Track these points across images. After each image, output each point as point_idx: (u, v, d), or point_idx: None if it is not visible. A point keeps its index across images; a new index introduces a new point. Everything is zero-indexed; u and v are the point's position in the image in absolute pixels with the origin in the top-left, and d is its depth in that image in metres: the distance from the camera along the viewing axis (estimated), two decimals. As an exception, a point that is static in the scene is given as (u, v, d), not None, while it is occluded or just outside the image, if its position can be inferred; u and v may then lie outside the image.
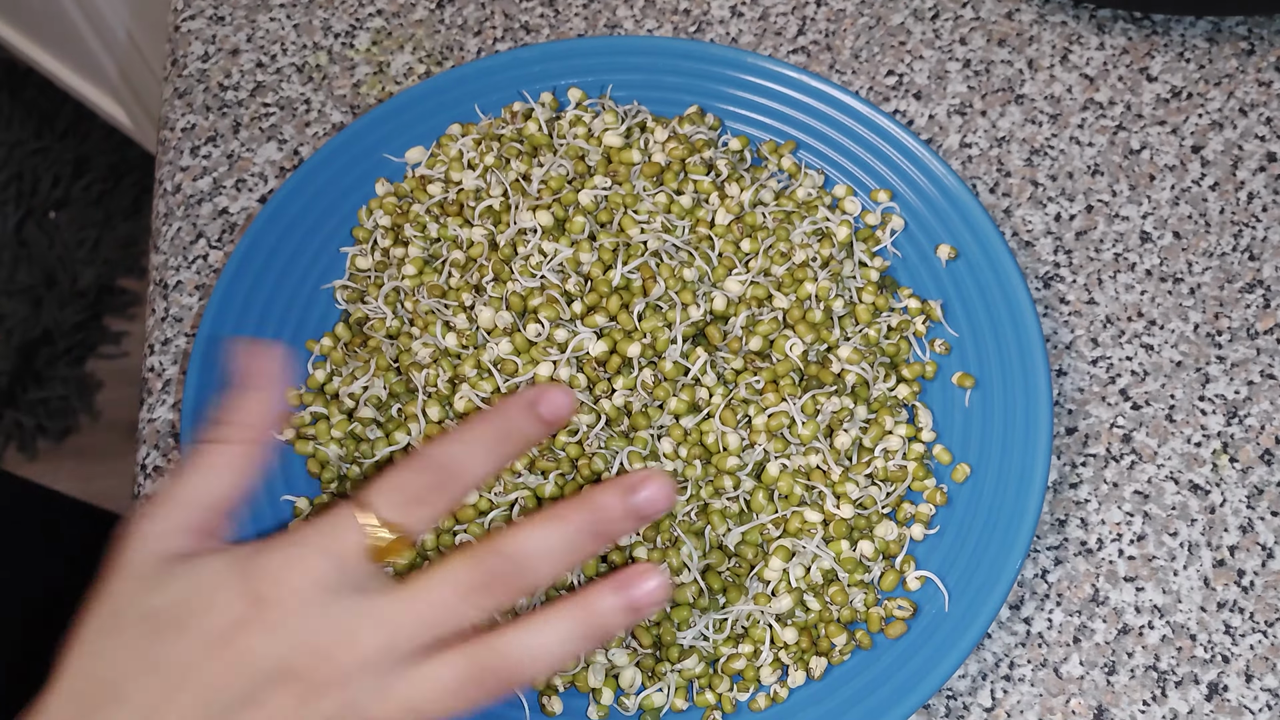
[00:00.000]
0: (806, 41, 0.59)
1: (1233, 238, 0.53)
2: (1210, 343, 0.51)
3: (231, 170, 0.57)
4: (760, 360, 0.47)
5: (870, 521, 0.45)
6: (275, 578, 0.33)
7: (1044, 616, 0.47)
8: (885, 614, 0.44)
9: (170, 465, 0.51)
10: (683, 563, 0.43)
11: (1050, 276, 0.53)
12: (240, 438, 0.36)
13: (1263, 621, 0.46)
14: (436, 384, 0.46)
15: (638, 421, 0.45)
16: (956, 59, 0.58)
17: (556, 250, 0.48)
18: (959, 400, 0.48)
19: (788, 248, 0.49)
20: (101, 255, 1.55)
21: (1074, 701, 0.45)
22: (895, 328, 0.49)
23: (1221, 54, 0.58)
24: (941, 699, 0.45)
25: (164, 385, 0.53)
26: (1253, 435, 0.49)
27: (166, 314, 0.54)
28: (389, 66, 0.60)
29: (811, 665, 0.43)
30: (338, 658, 0.32)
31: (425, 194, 0.52)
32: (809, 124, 0.53)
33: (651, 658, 0.43)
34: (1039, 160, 0.55)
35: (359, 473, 0.46)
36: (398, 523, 0.33)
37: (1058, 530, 0.48)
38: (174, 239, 0.56)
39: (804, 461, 0.45)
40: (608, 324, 0.47)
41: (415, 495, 0.33)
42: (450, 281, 0.49)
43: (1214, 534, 0.48)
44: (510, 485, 0.44)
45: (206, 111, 0.59)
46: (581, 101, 0.54)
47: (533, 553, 0.33)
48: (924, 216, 0.51)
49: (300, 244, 0.51)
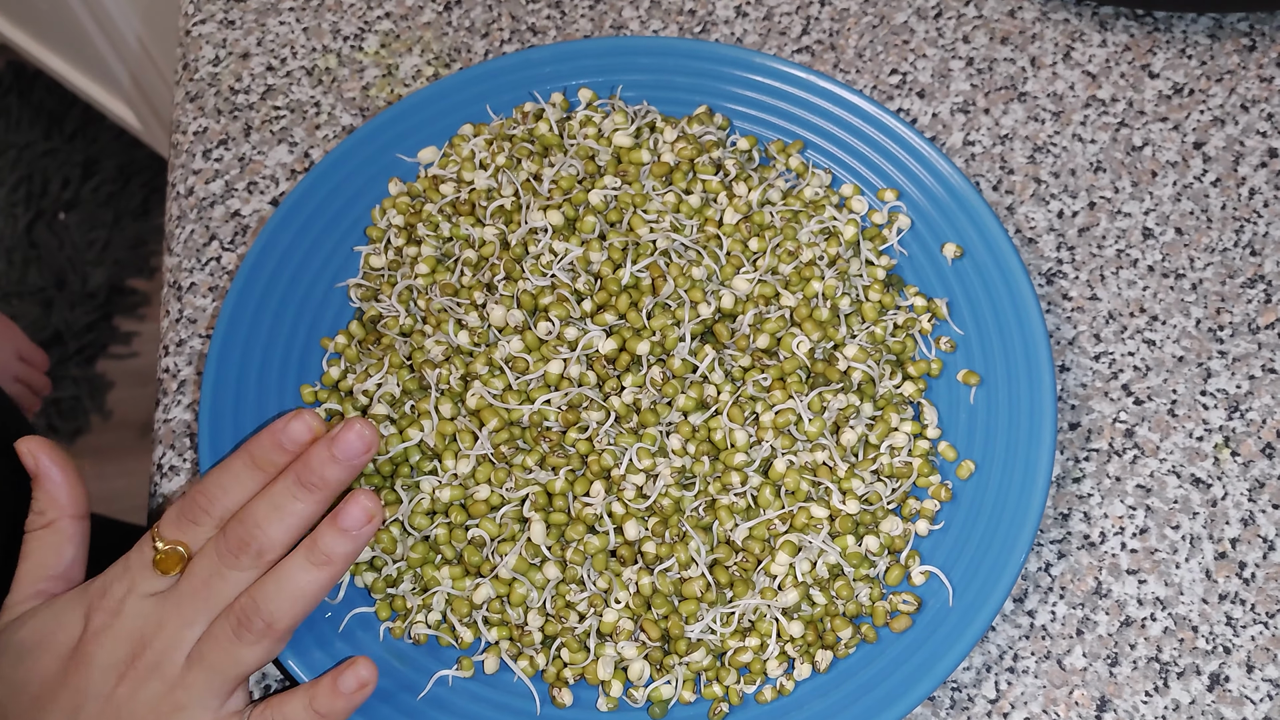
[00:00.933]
0: (811, 41, 0.60)
1: (1234, 233, 0.54)
2: (1212, 338, 0.52)
3: (243, 173, 0.58)
4: (767, 358, 0.47)
5: (876, 517, 0.46)
6: (103, 594, 0.42)
7: (1047, 609, 0.47)
8: (890, 608, 0.45)
9: (186, 465, 0.52)
10: (691, 557, 0.44)
11: (1053, 273, 0.54)
12: (56, 518, 0.43)
13: (1264, 613, 0.47)
14: (449, 381, 0.47)
15: (646, 418, 0.46)
16: (959, 57, 0.59)
17: (567, 249, 0.48)
18: (964, 397, 0.48)
19: (795, 246, 0.49)
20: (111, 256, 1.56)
21: (1077, 693, 0.46)
22: (901, 325, 0.49)
23: (1223, 50, 0.58)
24: (946, 690, 0.46)
25: (179, 386, 0.53)
26: (1254, 429, 0.50)
27: (180, 315, 0.55)
28: (397, 69, 0.60)
29: (817, 658, 0.44)
30: (153, 643, 0.41)
31: (438, 193, 0.52)
32: (816, 124, 0.53)
33: (660, 650, 0.44)
34: (1042, 157, 0.56)
35: (373, 469, 0.47)
36: (176, 539, 0.42)
37: (1061, 524, 0.49)
38: (187, 241, 0.57)
39: (810, 458, 0.46)
40: (617, 322, 0.47)
41: (188, 517, 0.42)
42: (462, 280, 0.49)
43: (1215, 527, 0.48)
44: (521, 481, 0.45)
45: (218, 115, 0.60)
46: (592, 102, 0.54)
47: (260, 512, 0.41)
48: (930, 215, 0.51)
49: (314, 243, 0.52)
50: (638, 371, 0.47)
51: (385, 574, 0.45)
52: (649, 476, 0.45)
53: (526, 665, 0.45)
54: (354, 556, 0.41)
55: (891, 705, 0.42)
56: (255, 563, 0.41)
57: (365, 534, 0.41)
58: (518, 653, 0.45)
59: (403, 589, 0.45)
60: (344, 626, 0.45)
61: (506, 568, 0.44)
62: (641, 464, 0.45)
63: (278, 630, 0.40)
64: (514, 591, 0.44)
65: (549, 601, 0.45)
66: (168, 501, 0.51)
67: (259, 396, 0.49)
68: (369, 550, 0.46)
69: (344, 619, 0.45)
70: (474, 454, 0.46)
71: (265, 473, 0.42)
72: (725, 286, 0.49)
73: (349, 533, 0.41)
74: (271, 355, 0.50)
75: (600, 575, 0.45)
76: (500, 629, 0.45)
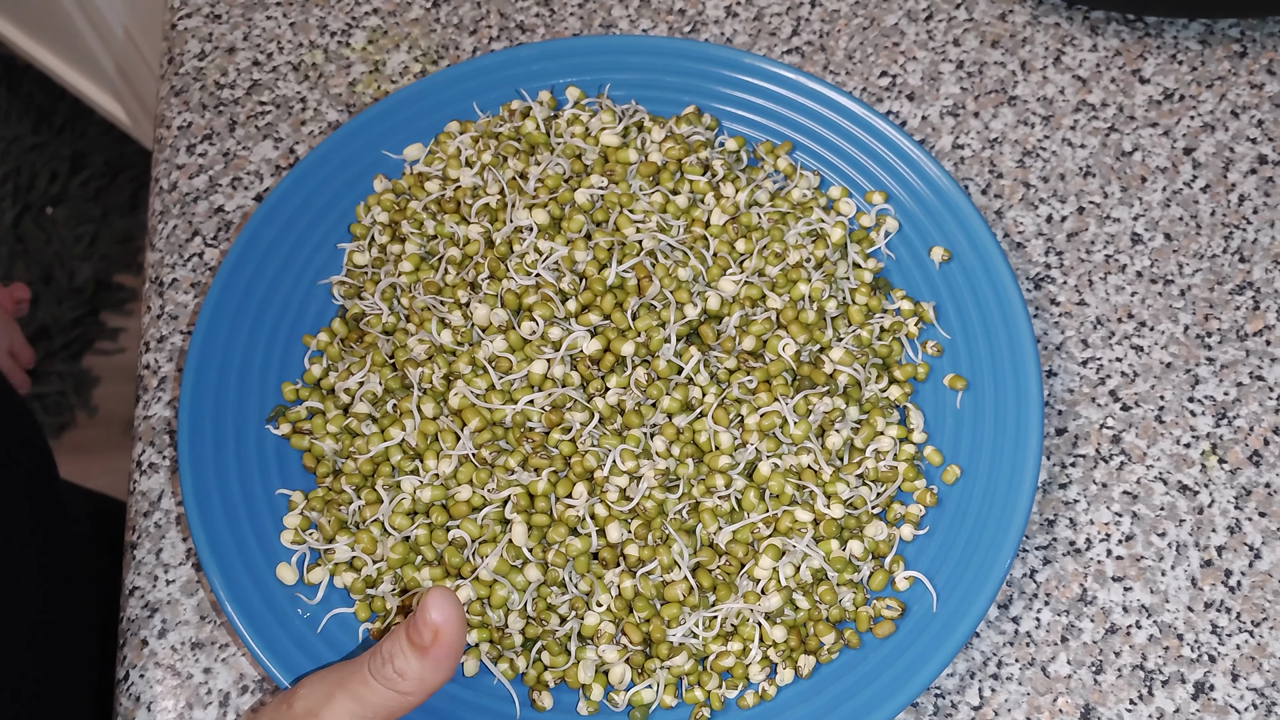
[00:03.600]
0: (801, 42, 0.59)
1: (1223, 240, 0.54)
2: (1200, 344, 0.52)
3: (227, 168, 0.57)
4: (753, 360, 0.47)
5: (860, 521, 0.45)
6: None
7: (1032, 616, 0.47)
8: (874, 613, 0.45)
9: (166, 463, 0.51)
10: (673, 560, 0.44)
11: (1041, 278, 0.53)
12: (415, 696, 0.39)
13: (1249, 621, 0.47)
14: (431, 380, 0.46)
15: (630, 420, 0.45)
16: (950, 60, 0.58)
17: (552, 248, 0.48)
18: (950, 402, 0.48)
19: (782, 248, 0.49)
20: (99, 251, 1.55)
21: (1061, 700, 0.46)
22: (888, 329, 0.49)
23: (1214, 56, 0.58)
24: (929, 697, 0.46)
25: (159, 383, 0.53)
26: (1241, 436, 0.50)
27: (162, 311, 0.54)
28: (384, 65, 0.60)
29: (800, 663, 0.44)
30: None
31: (423, 191, 0.52)
32: (805, 125, 0.53)
33: (641, 654, 0.44)
34: (1031, 162, 0.56)
35: (353, 468, 0.46)
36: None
37: (1046, 530, 0.48)
38: (170, 237, 0.56)
39: (795, 461, 0.46)
40: (602, 322, 0.47)
41: None
42: (446, 279, 0.49)
43: (1202, 534, 0.48)
44: (503, 482, 0.45)
45: (203, 110, 0.59)
46: (579, 100, 0.54)
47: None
48: (918, 218, 0.51)
49: (298, 240, 0.51)
50: (622, 373, 0.46)
51: (365, 574, 0.45)
52: (632, 478, 0.45)
53: (506, 668, 0.44)
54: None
55: (874, 711, 0.42)
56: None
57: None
58: (498, 655, 0.44)
59: (382, 590, 0.45)
60: (322, 628, 0.45)
61: (487, 569, 0.44)
62: (625, 466, 0.45)
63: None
64: (495, 593, 0.44)
65: (530, 604, 0.44)
66: (145, 499, 0.50)
67: (239, 394, 0.48)
68: (349, 550, 0.45)
69: (323, 620, 0.45)
70: (456, 454, 0.45)
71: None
72: (711, 288, 0.48)
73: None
74: (253, 352, 0.49)
75: (582, 578, 0.44)
76: (480, 631, 0.44)
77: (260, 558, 0.45)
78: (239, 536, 0.45)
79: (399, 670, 0.37)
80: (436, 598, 0.37)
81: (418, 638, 0.37)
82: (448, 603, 0.37)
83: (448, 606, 0.37)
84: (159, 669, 0.47)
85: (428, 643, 0.37)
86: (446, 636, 0.37)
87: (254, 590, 0.44)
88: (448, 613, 0.37)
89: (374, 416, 0.47)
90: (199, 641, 0.48)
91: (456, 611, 0.37)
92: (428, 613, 0.37)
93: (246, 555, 0.45)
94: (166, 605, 0.48)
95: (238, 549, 0.45)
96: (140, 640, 0.48)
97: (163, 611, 0.48)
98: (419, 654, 0.37)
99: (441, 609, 0.37)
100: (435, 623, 0.37)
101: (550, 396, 0.45)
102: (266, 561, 0.45)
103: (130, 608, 0.49)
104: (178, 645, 0.48)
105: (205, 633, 0.48)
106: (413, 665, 0.37)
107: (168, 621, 0.48)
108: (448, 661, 0.37)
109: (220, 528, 0.45)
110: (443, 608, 0.37)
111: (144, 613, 0.48)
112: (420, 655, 0.37)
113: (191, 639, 0.48)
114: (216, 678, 0.47)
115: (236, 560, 0.45)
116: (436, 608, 0.37)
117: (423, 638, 0.37)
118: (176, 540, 0.49)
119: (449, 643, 0.37)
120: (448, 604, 0.37)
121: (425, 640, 0.37)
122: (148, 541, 0.50)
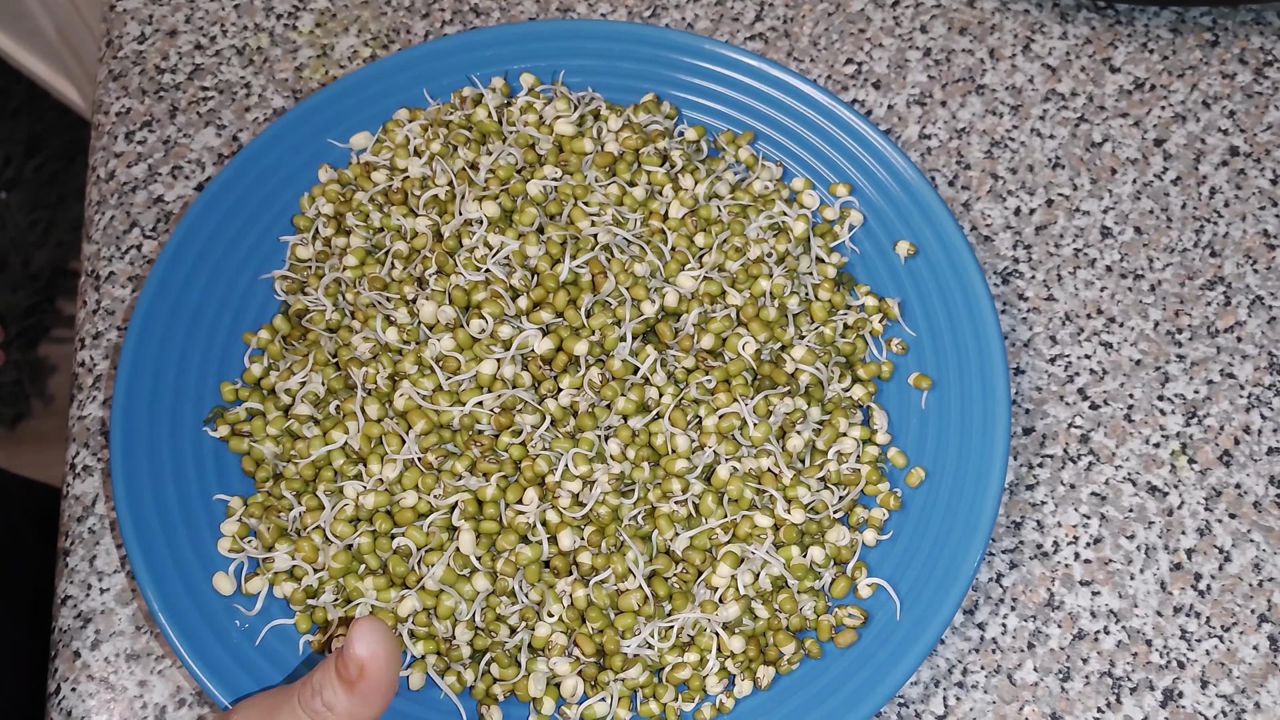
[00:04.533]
0: (764, 28, 0.57)
1: (1194, 233, 0.52)
2: (1170, 341, 0.50)
3: (167, 156, 0.55)
4: (712, 359, 0.45)
5: (822, 526, 0.44)
6: None
7: (998, 621, 0.46)
8: (835, 622, 0.43)
9: (100, 466, 0.49)
10: (628, 568, 0.42)
11: (1009, 272, 0.52)
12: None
13: (1219, 626, 0.45)
14: (376, 381, 0.44)
15: (584, 422, 0.44)
16: (917, 47, 0.57)
17: (503, 243, 0.46)
18: (915, 401, 0.47)
19: (743, 243, 0.47)
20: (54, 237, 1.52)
21: (1028, 709, 0.44)
22: (851, 326, 0.48)
23: (1185, 45, 0.56)
24: (893, 707, 0.44)
25: (94, 381, 0.51)
26: (1212, 435, 0.49)
27: (98, 306, 0.52)
28: (333, 49, 0.57)
29: (759, 675, 0.42)
30: None
31: (369, 181, 0.50)
32: (768, 114, 0.51)
33: (594, 666, 0.42)
34: (999, 152, 0.54)
35: (294, 472, 0.44)
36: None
37: (1013, 533, 0.47)
38: (107, 228, 0.54)
39: (755, 464, 0.44)
40: (554, 320, 0.45)
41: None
42: (392, 273, 0.47)
43: (1171, 537, 0.47)
44: (450, 489, 0.43)
45: (142, 95, 0.57)
46: (534, 87, 0.52)
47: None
48: (883, 211, 0.50)
49: (239, 232, 0.49)
50: (575, 373, 0.44)
51: (305, 584, 0.43)
52: (585, 483, 0.43)
53: (454, 681, 0.42)
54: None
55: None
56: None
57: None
58: (445, 668, 0.43)
59: (324, 600, 0.43)
60: (261, 640, 0.43)
61: (434, 579, 0.42)
62: (578, 470, 0.43)
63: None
64: (441, 604, 0.42)
65: (478, 614, 0.42)
66: (79, 503, 0.48)
67: (176, 394, 0.46)
68: (289, 559, 0.43)
69: (261, 631, 0.43)
70: (401, 458, 0.43)
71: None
72: (669, 284, 0.47)
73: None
74: (190, 350, 0.47)
75: (533, 587, 0.43)
76: (427, 643, 0.42)
77: (196, 566, 0.43)
78: (174, 544, 0.43)
79: (327, 704, 0.35)
80: (363, 630, 0.35)
81: (345, 671, 0.35)
82: (376, 636, 0.35)
83: (375, 640, 0.35)
84: (92, 682, 0.45)
85: (354, 677, 0.35)
86: (374, 672, 0.35)
87: (189, 601, 0.42)
88: (375, 647, 0.34)
89: (316, 418, 0.45)
90: (134, 653, 0.46)
91: (385, 645, 0.35)
92: (353, 646, 0.34)
93: (181, 564, 0.43)
94: (100, 615, 0.46)
95: (172, 557, 0.43)
96: (73, 652, 0.46)
97: (96, 621, 0.46)
98: (347, 688, 0.35)
99: (368, 643, 0.34)
100: (360, 657, 0.34)
101: (500, 398, 0.44)
102: (202, 570, 0.43)
103: (63, 618, 0.46)
104: (112, 657, 0.45)
105: (141, 644, 0.46)
106: (341, 700, 0.35)
107: (101, 632, 0.46)
108: (376, 697, 0.35)
109: (154, 535, 0.43)
110: (369, 641, 0.34)
111: (77, 623, 0.46)
112: (348, 690, 0.35)
113: (126, 650, 0.46)
114: (152, 691, 0.45)
115: (171, 569, 0.43)
116: (362, 641, 0.34)
117: (349, 672, 0.35)
118: (111, 547, 0.47)
119: (376, 679, 0.35)
120: (375, 637, 0.35)
121: (352, 674, 0.35)
122: (81, 548, 0.47)
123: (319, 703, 0.35)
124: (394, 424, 0.44)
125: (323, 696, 0.35)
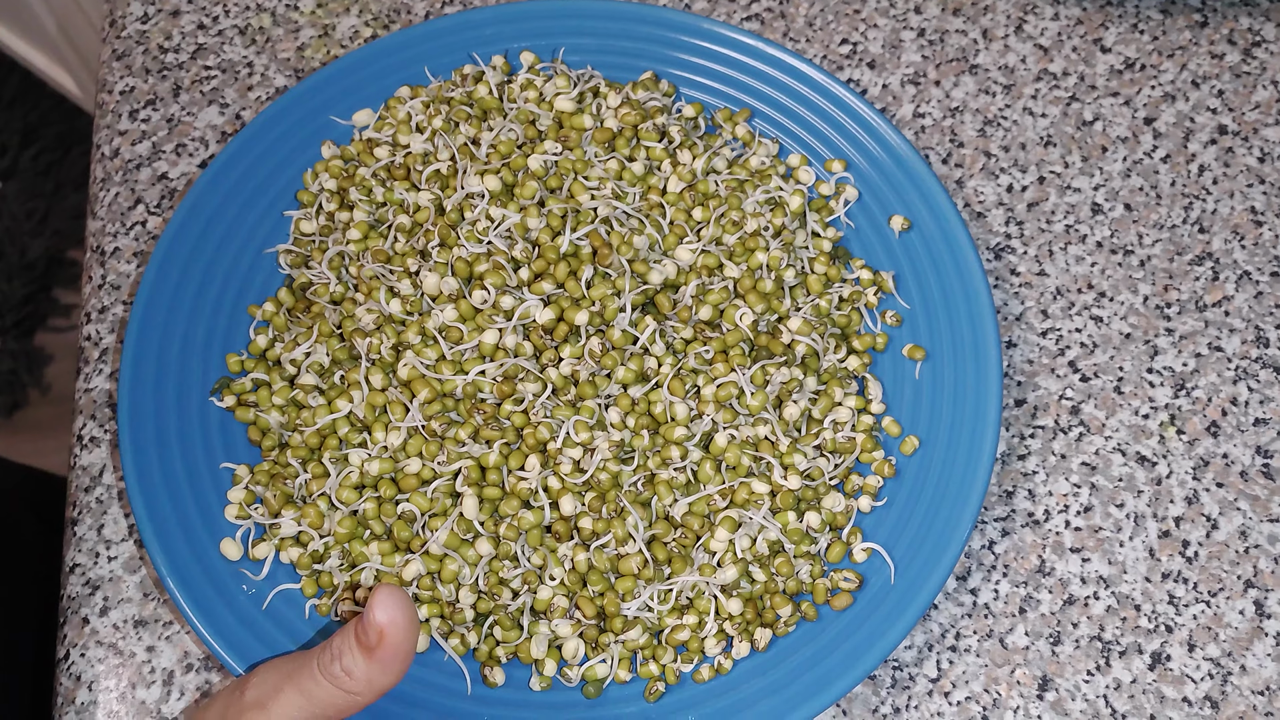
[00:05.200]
0: (760, 9, 0.58)
1: (1183, 210, 0.53)
2: (1159, 315, 0.51)
3: (171, 135, 0.56)
4: (710, 330, 0.46)
5: (818, 493, 0.45)
6: None
7: (990, 587, 0.47)
8: (831, 585, 0.44)
9: (107, 437, 0.50)
10: (628, 533, 0.43)
11: (1001, 248, 0.53)
12: (364, 697, 0.37)
13: (1206, 592, 0.46)
14: (380, 351, 0.45)
15: (584, 391, 0.44)
16: (911, 28, 0.58)
17: (504, 215, 0.47)
18: (909, 372, 0.48)
19: (740, 216, 0.48)
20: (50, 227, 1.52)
21: (1019, 671, 0.45)
22: (847, 299, 0.48)
23: (1175, 26, 0.57)
24: (887, 669, 0.45)
25: (101, 354, 0.51)
26: (1200, 407, 0.50)
27: (104, 281, 0.53)
28: (334, 29, 0.58)
29: (756, 637, 0.43)
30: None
31: (372, 157, 0.51)
32: (764, 92, 0.52)
33: (595, 629, 0.43)
34: (992, 131, 0.55)
35: (300, 440, 0.45)
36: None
37: (1005, 502, 0.48)
38: (112, 205, 0.54)
39: (752, 432, 0.45)
40: (555, 291, 0.46)
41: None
42: (395, 246, 0.48)
43: (1160, 505, 0.48)
44: (453, 455, 0.43)
45: (146, 74, 0.57)
46: (534, 65, 0.53)
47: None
48: (878, 187, 0.50)
49: (243, 207, 0.50)
50: (576, 342, 0.45)
51: (311, 549, 0.44)
52: (586, 450, 0.44)
53: (458, 643, 0.43)
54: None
55: (831, 684, 0.42)
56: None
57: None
58: (449, 630, 0.43)
59: (329, 565, 0.44)
60: (268, 604, 0.43)
61: (437, 543, 0.43)
62: (579, 437, 0.44)
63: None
64: (445, 568, 0.43)
65: (481, 578, 0.43)
66: (87, 474, 0.49)
67: (182, 365, 0.47)
68: (295, 525, 0.44)
69: (268, 596, 0.44)
70: (405, 426, 0.44)
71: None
72: (668, 256, 0.47)
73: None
74: (196, 322, 0.48)
75: (535, 551, 0.43)
76: (431, 606, 0.43)
77: (204, 533, 0.44)
78: (182, 512, 0.44)
79: (346, 669, 0.36)
80: (383, 597, 0.35)
81: (364, 638, 0.35)
82: (395, 603, 0.35)
83: (394, 607, 0.35)
84: (100, 647, 0.46)
85: (374, 644, 0.35)
86: (393, 639, 0.35)
87: (197, 567, 0.43)
88: (394, 614, 0.35)
89: (321, 388, 0.46)
90: (142, 619, 0.46)
91: (405, 612, 0.35)
92: (373, 613, 0.35)
93: (189, 531, 0.44)
94: (108, 582, 0.47)
95: (180, 525, 0.44)
96: (81, 618, 0.46)
97: (104, 589, 0.47)
98: (366, 654, 0.36)
99: (388, 609, 0.35)
100: (380, 624, 0.35)
101: (502, 367, 0.44)
102: (210, 537, 0.44)
103: (71, 585, 0.47)
104: (120, 623, 0.46)
105: (148, 610, 0.46)
106: (359, 665, 0.36)
107: (109, 599, 0.47)
108: (395, 664, 0.36)
109: (162, 503, 0.44)
110: (389, 608, 0.35)
111: (85, 590, 0.47)
112: (367, 656, 0.36)
113: (134, 616, 0.46)
114: (160, 656, 0.46)
115: (179, 536, 0.44)
116: (382, 607, 0.35)
117: (369, 638, 0.35)
118: (119, 516, 0.48)
119: (395, 645, 0.35)
120: (395, 604, 0.35)
121: (371, 641, 0.35)
122: (89, 517, 0.48)
123: (338, 668, 0.36)
124: (398, 393, 0.45)
125: (341, 662, 0.36)
